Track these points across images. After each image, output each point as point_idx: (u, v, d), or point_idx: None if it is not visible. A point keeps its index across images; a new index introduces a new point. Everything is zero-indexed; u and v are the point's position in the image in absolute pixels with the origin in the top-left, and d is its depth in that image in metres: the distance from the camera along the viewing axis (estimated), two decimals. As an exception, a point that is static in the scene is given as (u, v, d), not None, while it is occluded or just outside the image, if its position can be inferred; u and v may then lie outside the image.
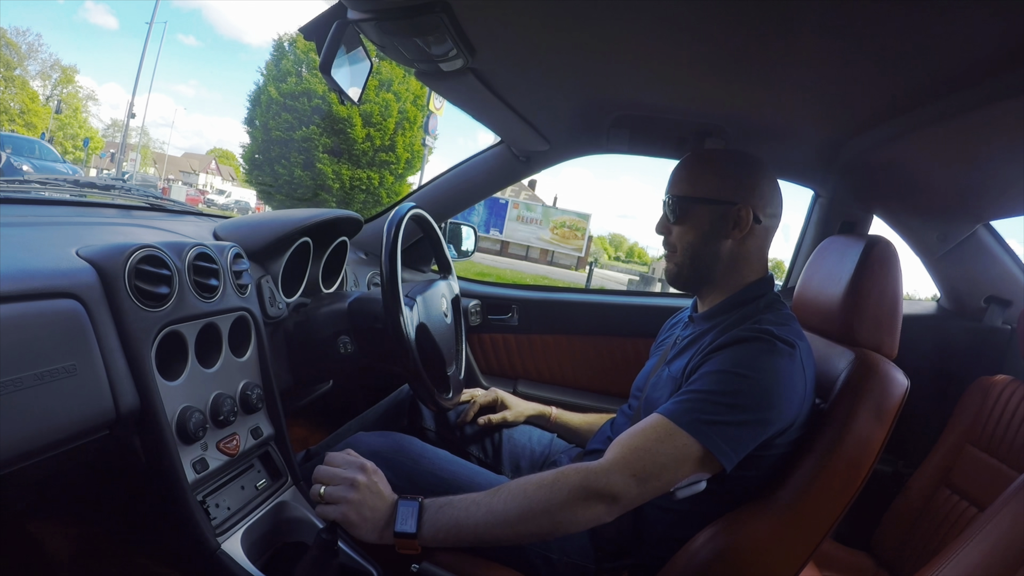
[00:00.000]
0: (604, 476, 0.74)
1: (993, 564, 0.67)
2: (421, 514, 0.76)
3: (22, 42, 28.39)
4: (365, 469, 0.80)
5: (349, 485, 0.78)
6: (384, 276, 0.94)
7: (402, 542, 0.75)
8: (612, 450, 0.78)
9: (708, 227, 0.91)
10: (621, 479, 0.74)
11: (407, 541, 0.75)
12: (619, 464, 0.75)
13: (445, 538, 0.76)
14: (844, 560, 1.36)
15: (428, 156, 14.30)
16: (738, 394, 0.76)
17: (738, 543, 0.79)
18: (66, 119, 31.35)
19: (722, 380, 0.78)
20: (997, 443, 1.26)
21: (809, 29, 0.71)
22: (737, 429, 0.75)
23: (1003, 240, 1.46)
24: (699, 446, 0.75)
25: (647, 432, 0.77)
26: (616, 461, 0.76)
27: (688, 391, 0.79)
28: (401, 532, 0.75)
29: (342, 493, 0.77)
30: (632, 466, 0.75)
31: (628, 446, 0.77)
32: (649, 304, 1.72)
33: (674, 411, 0.77)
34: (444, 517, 0.76)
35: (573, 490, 0.74)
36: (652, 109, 1.17)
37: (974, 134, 0.88)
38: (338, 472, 0.79)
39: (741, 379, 0.77)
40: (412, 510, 0.76)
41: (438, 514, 0.76)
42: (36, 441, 0.58)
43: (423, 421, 1.20)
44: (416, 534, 0.75)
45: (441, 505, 0.77)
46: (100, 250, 0.70)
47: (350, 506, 0.76)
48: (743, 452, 0.77)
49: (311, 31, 0.88)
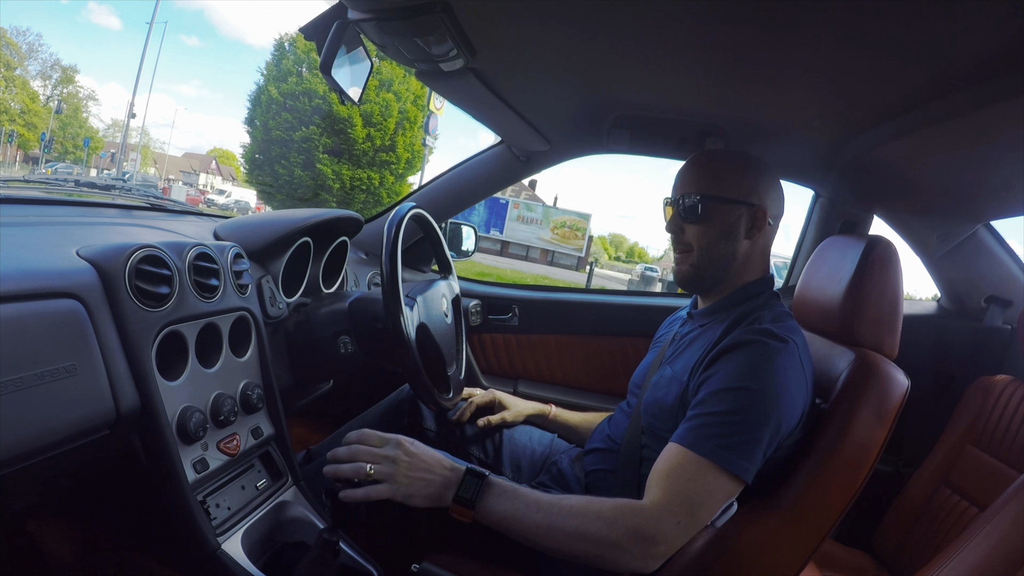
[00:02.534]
0: (655, 522, 0.74)
1: (994, 564, 0.67)
2: (483, 490, 0.77)
3: (22, 42, 28.46)
4: (401, 444, 0.81)
5: (392, 461, 0.79)
6: (384, 276, 0.94)
7: (459, 508, 0.77)
8: (652, 491, 0.76)
9: (729, 227, 0.90)
10: (669, 526, 0.74)
11: (463, 509, 0.77)
12: (665, 510, 0.74)
13: (497, 522, 0.77)
14: (844, 560, 1.36)
15: (428, 156, 14.33)
16: (747, 410, 0.76)
17: (738, 543, 0.79)
18: (67, 119, 31.37)
19: (730, 398, 0.77)
20: (997, 443, 1.26)
21: (809, 29, 0.71)
22: (754, 445, 0.76)
23: (1003, 240, 1.46)
24: (726, 474, 0.75)
25: (677, 471, 0.76)
26: (663, 507, 0.75)
27: (701, 415, 0.78)
28: (462, 497, 0.76)
29: (389, 468, 0.79)
30: (676, 513, 0.74)
31: (667, 489, 0.76)
32: (648, 304, 1.73)
33: (693, 441, 0.77)
34: (504, 504, 0.77)
35: (628, 531, 0.73)
36: (653, 109, 1.17)
37: (974, 134, 0.87)
38: (377, 451, 0.81)
39: (748, 393, 0.77)
40: (477, 483, 0.78)
41: (500, 498, 0.77)
42: (36, 441, 0.58)
43: (423, 421, 1.20)
44: (475, 505, 0.76)
45: (505, 490, 0.78)
46: (100, 250, 0.70)
47: (401, 477, 0.78)
48: (761, 462, 0.77)
49: (311, 31, 0.88)
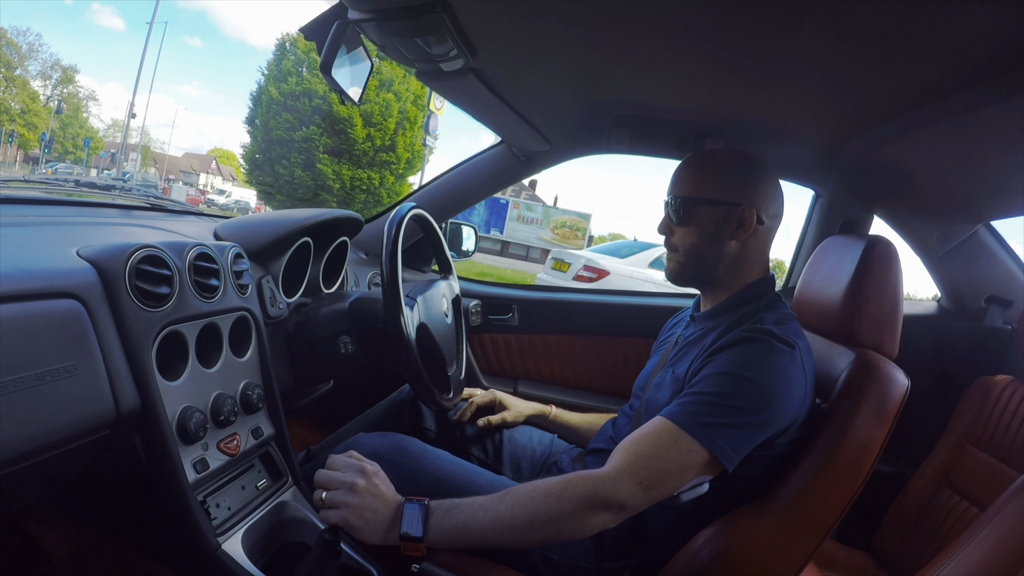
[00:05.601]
0: (611, 485, 0.74)
1: (994, 564, 0.67)
2: (427, 517, 0.76)
3: (23, 42, 28.43)
4: (365, 472, 0.80)
5: (349, 489, 0.78)
6: (384, 276, 0.94)
7: (408, 545, 0.75)
8: (617, 456, 0.78)
9: (712, 228, 0.90)
10: (628, 487, 0.74)
11: (413, 544, 0.75)
12: (625, 472, 0.75)
13: (451, 541, 0.76)
14: (844, 560, 1.36)
15: (429, 156, 14.32)
16: (739, 396, 0.76)
17: (738, 543, 0.79)
18: (67, 119, 31.37)
19: (724, 382, 0.78)
20: (998, 443, 1.26)
21: (809, 29, 0.71)
22: (739, 431, 0.76)
23: (1003, 240, 1.46)
24: (703, 450, 0.75)
25: (651, 437, 0.77)
26: (622, 469, 0.75)
27: (690, 393, 0.80)
28: (407, 535, 0.75)
29: (342, 497, 0.77)
30: (638, 473, 0.75)
31: (633, 452, 0.76)
32: (649, 304, 1.72)
33: (677, 414, 0.78)
34: (450, 521, 0.76)
35: (581, 499, 0.74)
36: (653, 109, 1.17)
37: (974, 134, 0.87)
38: (337, 476, 0.79)
39: (743, 381, 0.77)
40: (418, 513, 0.76)
41: (444, 518, 0.76)
42: (36, 441, 0.58)
43: (424, 421, 1.20)
44: (422, 537, 0.75)
45: (448, 509, 0.77)
46: (101, 250, 0.70)
47: (351, 510, 0.76)
48: (744, 452, 0.77)
49: (312, 31, 0.88)
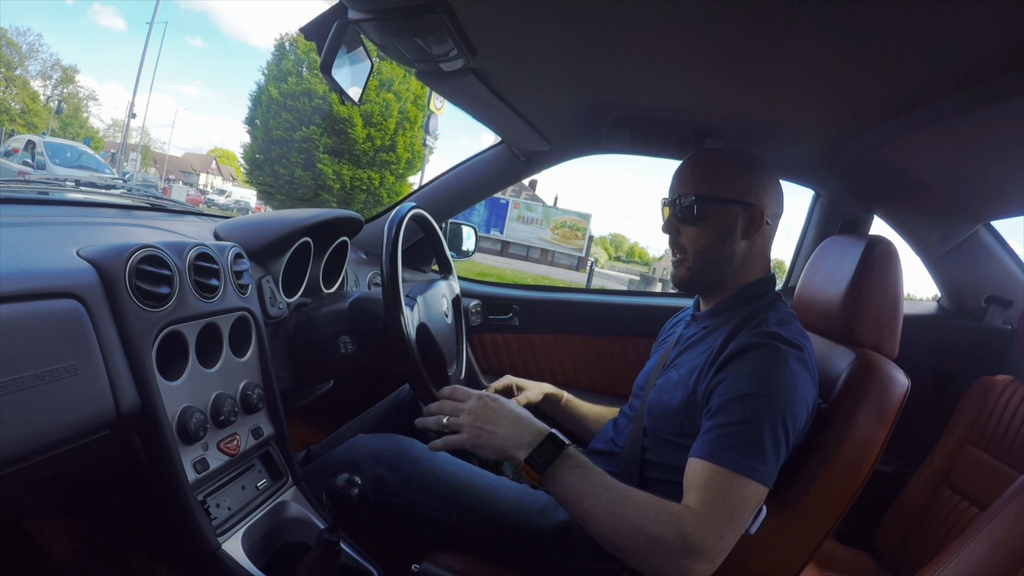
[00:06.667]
0: (703, 534, 0.71)
1: (994, 564, 0.67)
2: (558, 459, 0.77)
3: (23, 42, 28.39)
4: (483, 398, 0.84)
5: (468, 413, 0.82)
6: (385, 276, 0.94)
7: (528, 470, 0.77)
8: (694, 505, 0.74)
9: (725, 228, 0.89)
10: (712, 540, 0.72)
11: (532, 472, 0.77)
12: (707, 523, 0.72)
13: (561, 493, 0.77)
14: (845, 560, 1.36)
15: (429, 156, 14.33)
16: (764, 417, 0.75)
17: (739, 542, 0.79)
18: (67, 119, 31.36)
19: (744, 406, 0.76)
20: (998, 443, 1.26)
21: (809, 29, 0.71)
22: (773, 449, 0.75)
23: (1003, 240, 1.46)
24: (753, 483, 0.74)
25: (709, 485, 0.74)
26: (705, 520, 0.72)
27: (718, 427, 0.77)
28: (535, 461, 0.77)
29: (463, 420, 0.82)
30: (718, 526, 0.72)
31: (704, 503, 0.74)
32: (649, 304, 1.73)
33: (715, 454, 0.75)
34: (574, 478, 0.76)
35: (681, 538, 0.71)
36: (653, 109, 1.17)
37: (974, 134, 0.87)
38: (458, 405, 0.84)
39: (761, 399, 0.76)
40: (554, 450, 0.78)
41: (572, 472, 0.77)
42: (37, 441, 0.58)
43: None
44: (544, 472, 0.76)
45: (579, 464, 0.77)
46: (101, 250, 0.70)
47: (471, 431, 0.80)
48: (779, 464, 0.76)
49: (312, 31, 0.88)
